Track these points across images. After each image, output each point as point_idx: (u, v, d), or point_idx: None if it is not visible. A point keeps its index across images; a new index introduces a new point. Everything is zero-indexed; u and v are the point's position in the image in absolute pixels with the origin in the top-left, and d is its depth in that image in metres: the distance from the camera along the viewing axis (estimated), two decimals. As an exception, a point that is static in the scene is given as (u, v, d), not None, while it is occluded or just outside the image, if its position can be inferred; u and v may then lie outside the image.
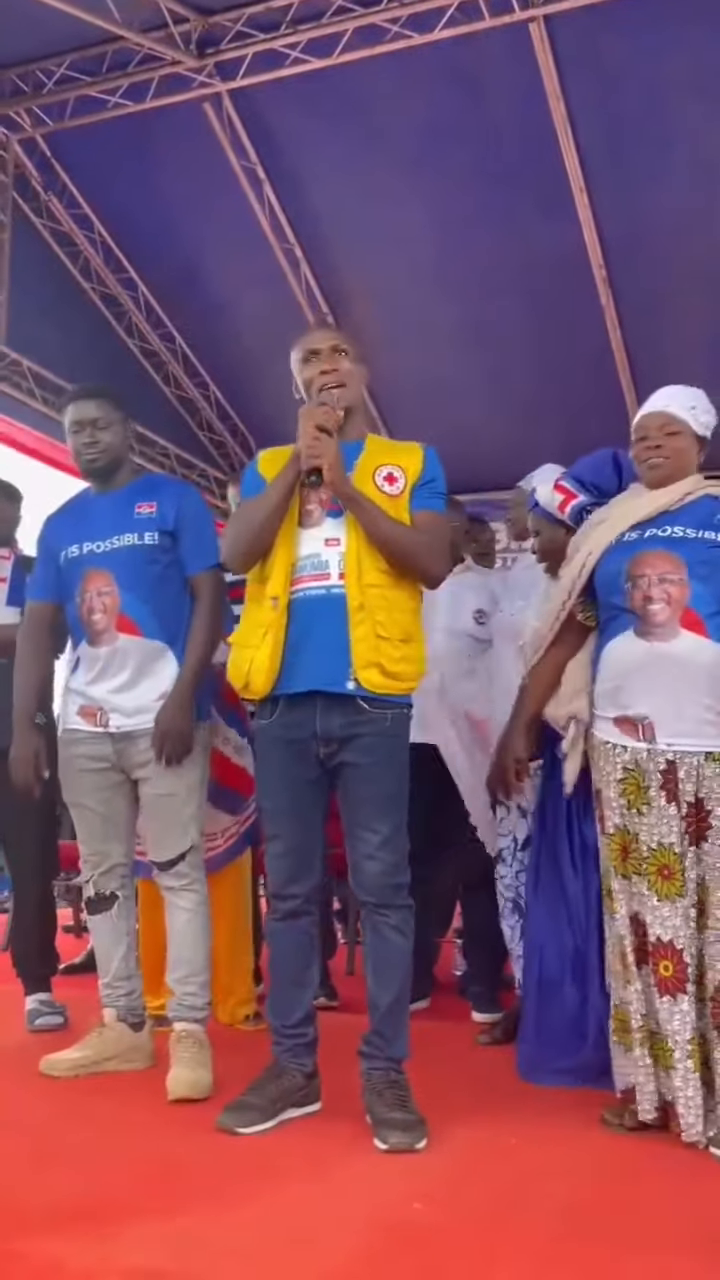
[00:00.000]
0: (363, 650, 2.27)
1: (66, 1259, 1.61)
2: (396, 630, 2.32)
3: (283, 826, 2.38)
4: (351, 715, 2.30)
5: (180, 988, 2.67)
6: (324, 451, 2.28)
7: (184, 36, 5.48)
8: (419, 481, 2.41)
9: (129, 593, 2.69)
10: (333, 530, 2.35)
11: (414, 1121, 2.17)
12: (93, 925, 2.83)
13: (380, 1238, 1.73)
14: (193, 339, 7.41)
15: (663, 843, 2.26)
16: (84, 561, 2.74)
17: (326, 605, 2.30)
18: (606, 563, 2.41)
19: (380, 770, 2.33)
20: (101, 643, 2.71)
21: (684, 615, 2.28)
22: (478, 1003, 3.42)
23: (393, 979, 2.32)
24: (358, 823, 2.33)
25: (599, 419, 6.53)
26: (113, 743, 2.72)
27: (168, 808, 2.70)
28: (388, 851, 2.32)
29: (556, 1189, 1.96)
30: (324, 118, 5.75)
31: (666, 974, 2.23)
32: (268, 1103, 2.25)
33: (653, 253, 5.93)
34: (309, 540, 2.36)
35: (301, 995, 2.38)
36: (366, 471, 2.38)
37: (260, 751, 2.45)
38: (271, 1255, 1.66)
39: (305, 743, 2.33)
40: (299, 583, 2.33)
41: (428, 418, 7.40)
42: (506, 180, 5.79)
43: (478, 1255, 1.68)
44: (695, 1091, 2.17)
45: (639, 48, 5.08)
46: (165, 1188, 1.92)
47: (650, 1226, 1.81)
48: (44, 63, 5.78)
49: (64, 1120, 2.32)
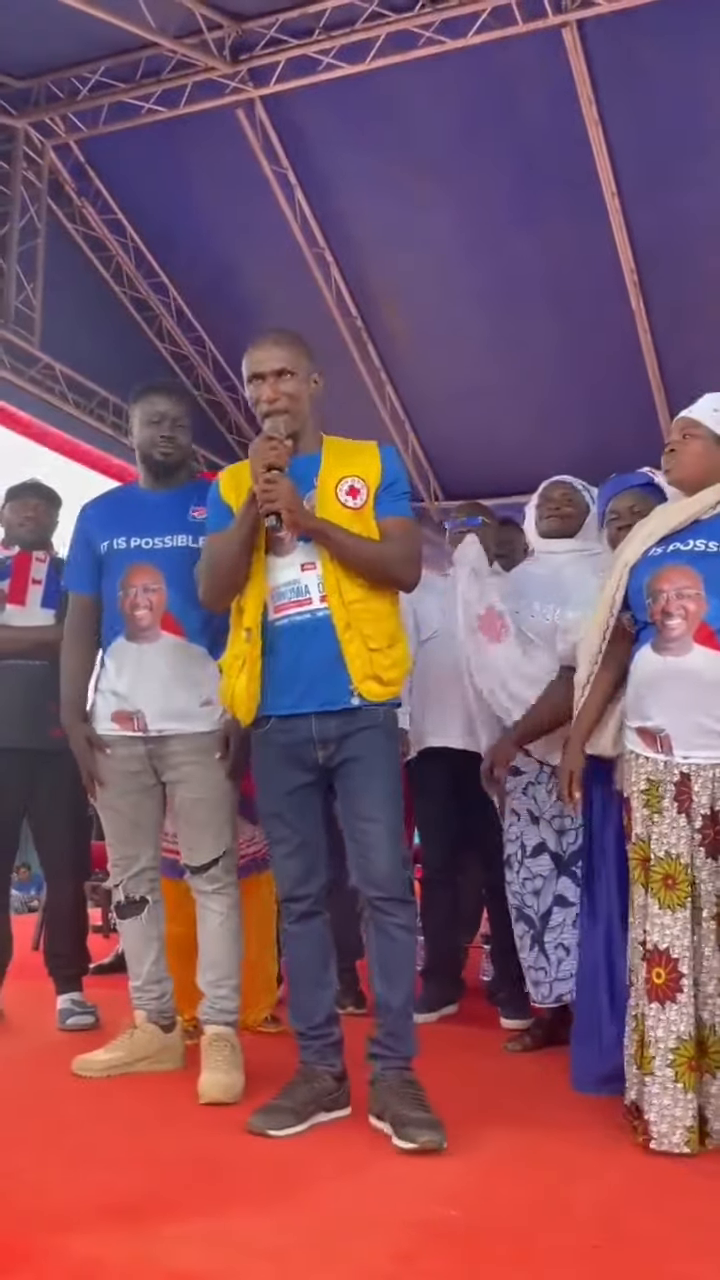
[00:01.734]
0: (359, 665, 2.31)
1: (105, 1258, 1.62)
2: (384, 639, 2.36)
3: (285, 829, 2.39)
4: (346, 717, 2.34)
5: (213, 990, 2.68)
6: (279, 495, 2.26)
7: (218, 43, 5.52)
8: (380, 486, 2.42)
9: (177, 592, 2.68)
10: (306, 555, 2.36)
11: (436, 1121, 2.17)
12: (122, 929, 2.85)
13: (415, 1240, 1.73)
14: (223, 343, 7.44)
15: (670, 852, 2.27)
16: (131, 555, 2.73)
17: (313, 628, 2.33)
18: (634, 577, 2.43)
19: (375, 762, 2.36)
20: (142, 639, 2.70)
21: (699, 630, 2.29)
22: (506, 1008, 3.41)
23: (403, 979, 2.33)
24: (357, 815, 2.34)
25: (629, 424, 6.53)
26: (145, 745, 2.72)
27: (204, 812, 2.71)
28: (389, 843, 2.32)
29: (591, 1196, 1.96)
30: (356, 123, 5.78)
31: (659, 981, 2.23)
32: (299, 1105, 2.25)
33: (685, 257, 5.91)
34: (284, 568, 2.37)
35: (323, 996, 2.38)
36: (328, 487, 2.38)
37: (257, 759, 2.46)
38: (307, 1257, 1.66)
39: (302, 747, 2.35)
40: (281, 609, 2.36)
41: (456, 422, 7.43)
42: (538, 184, 5.79)
43: (513, 1260, 1.68)
44: (673, 1100, 2.15)
45: (672, 52, 5.07)
46: (201, 1188, 1.93)
47: (688, 1235, 1.80)
48: (78, 69, 5.84)
49: (99, 1121, 2.34)
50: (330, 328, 6.72)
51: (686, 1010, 2.19)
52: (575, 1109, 2.47)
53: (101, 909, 5.04)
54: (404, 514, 2.44)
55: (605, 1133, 2.30)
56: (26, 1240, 1.69)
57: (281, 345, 2.44)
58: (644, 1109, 2.20)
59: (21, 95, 6.07)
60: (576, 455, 4.91)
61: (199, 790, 2.70)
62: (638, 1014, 2.33)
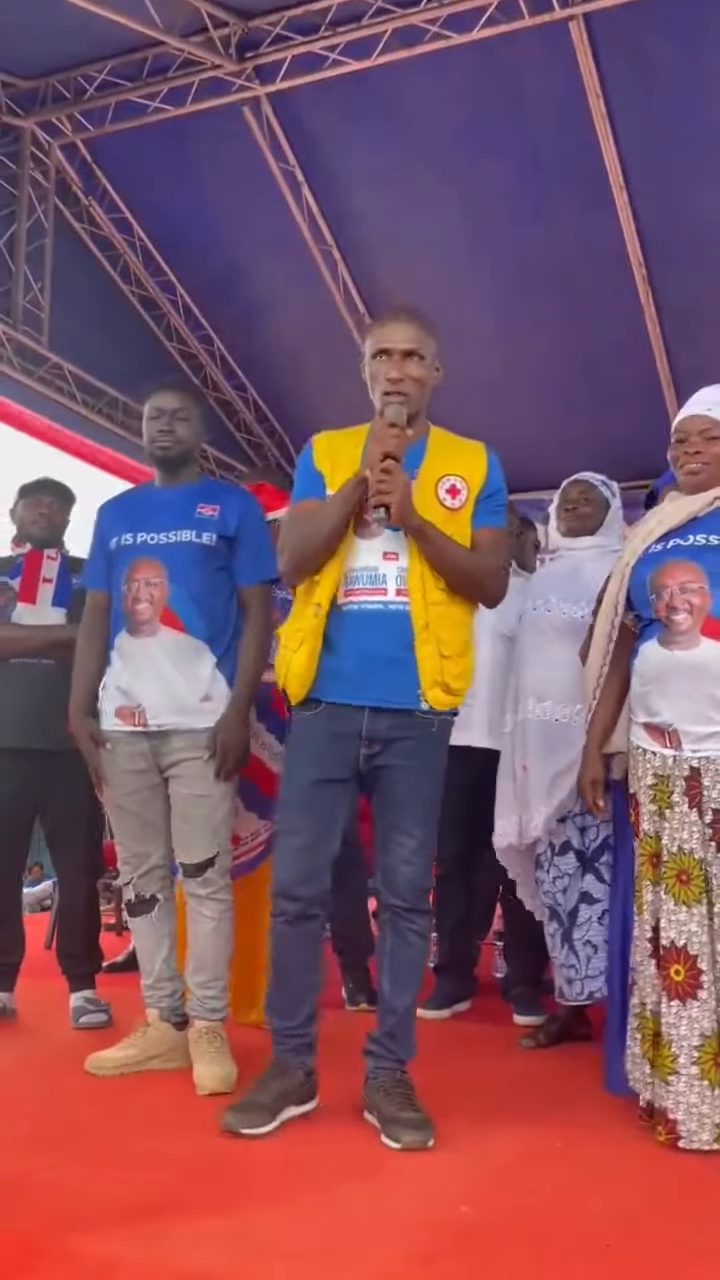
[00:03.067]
0: (429, 669, 2.26)
1: (120, 1258, 1.62)
2: (457, 646, 2.31)
3: (302, 820, 2.32)
4: (400, 718, 2.29)
5: (201, 990, 2.70)
6: (394, 488, 2.20)
7: (223, 40, 5.51)
8: (482, 494, 2.36)
9: (178, 587, 2.69)
10: (391, 544, 2.29)
11: (424, 1120, 2.17)
12: (134, 927, 2.85)
13: (431, 1238, 1.73)
14: (231, 341, 7.45)
15: (682, 848, 2.26)
16: (136, 550, 2.75)
17: (384, 621, 2.28)
18: (635, 575, 2.43)
19: (422, 774, 2.33)
20: (142, 633, 2.70)
21: (706, 623, 2.28)
22: (519, 1005, 3.41)
23: (411, 983, 2.32)
24: (395, 826, 2.31)
25: (638, 419, 6.50)
26: (149, 741, 2.73)
27: (200, 809, 2.71)
28: (421, 857, 2.31)
29: (605, 1193, 1.95)
30: (362, 119, 5.76)
31: (678, 978, 2.22)
32: (272, 1101, 2.23)
33: (693, 251, 5.88)
34: (365, 552, 2.31)
35: (308, 997, 2.35)
36: (429, 482, 2.32)
37: (296, 741, 2.38)
38: (323, 1255, 1.66)
39: (349, 741, 2.29)
40: (352, 594, 2.29)
41: (464, 418, 7.38)
42: (546, 179, 5.77)
43: (529, 1257, 1.68)
44: (700, 1098, 2.15)
45: (679, 45, 5.04)
46: (215, 1188, 1.93)
47: (705, 1235, 1.79)
48: (85, 68, 5.84)
49: (113, 1120, 2.34)
50: (338, 325, 6.71)
51: (709, 1007, 2.19)
52: (591, 1107, 2.46)
53: (115, 907, 5.05)
54: (500, 526, 2.40)
55: (622, 1131, 2.29)
56: (42, 1240, 1.69)
57: (414, 325, 2.36)
58: (668, 1109, 2.18)
59: (28, 95, 6.07)
60: (585, 451, 4.91)
61: (196, 787, 2.70)
62: (642, 1013, 2.32)
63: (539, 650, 3.19)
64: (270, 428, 8.05)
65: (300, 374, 7.34)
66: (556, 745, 3.05)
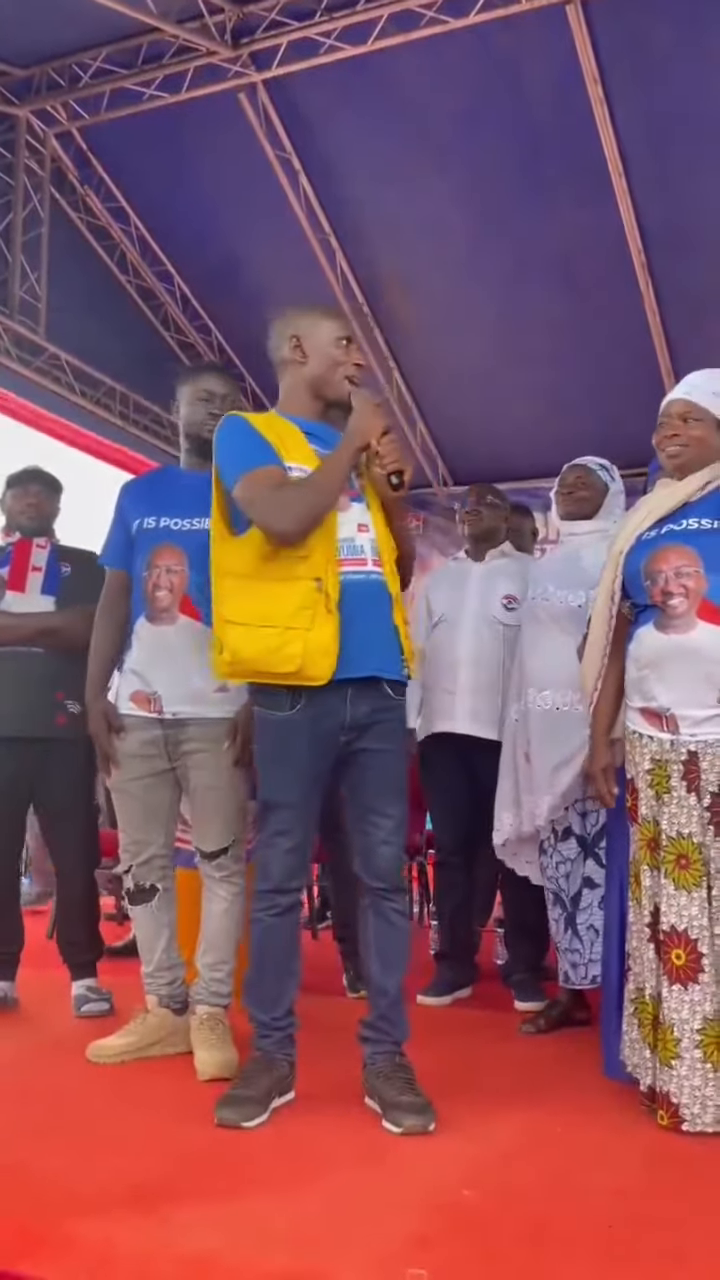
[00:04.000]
0: (403, 638, 2.36)
1: (121, 1242, 1.62)
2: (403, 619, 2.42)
3: (294, 822, 2.31)
4: (377, 702, 2.32)
5: (210, 972, 2.72)
6: (404, 456, 2.35)
7: (219, 27, 5.48)
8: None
9: (198, 575, 2.64)
10: (362, 517, 2.37)
11: (425, 1104, 2.17)
12: (134, 915, 2.85)
13: (431, 1222, 1.73)
14: (228, 331, 7.42)
15: (681, 832, 2.26)
16: (159, 535, 2.73)
17: (368, 590, 2.32)
18: (630, 562, 2.43)
19: (394, 756, 2.36)
20: (161, 620, 2.70)
21: (701, 606, 2.28)
22: (520, 991, 3.41)
23: (398, 964, 2.33)
24: (371, 808, 2.32)
25: (638, 407, 6.44)
26: (163, 729, 2.72)
27: (219, 799, 2.71)
28: (398, 835, 2.34)
29: (607, 1176, 1.95)
30: (359, 105, 5.73)
31: (679, 962, 2.22)
32: (263, 1094, 2.23)
33: (693, 238, 5.86)
34: (344, 524, 2.35)
35: (289, 985, 2.36)
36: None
37: (277, 743, 2.32)
38: (323, 1241, 1.66)
39: (332, 734, 2.29)
40: (344, 564, 2.32)
41: (464, 406, 7.40)
42: (543, 166, 5.74)
43: (533, 1240, 1.68)
44: (703, 1081, 2.15)
45: (677, 30, 5.01)
46: (216, 1173, 1.93)
47: (706, 1217, 1.79)
48: (79, 56, 5.81)
49: (113, 1106, 2.34)
50: (336, 313, 6.69)
51: (710, 990, 2.19)
52: (592, 1091, 2.46)
53: (114, 896, 5.05)
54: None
55: (622, 1115, 2.29)
56: (42, 1225, 1.69)
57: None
58: (670, 1092, 2.19)
59: (23, 84, 6.04)
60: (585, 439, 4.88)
61: (212, 777, 2.70)
62: (640, 999, 2.32)
63: (538, 640, 3.19)
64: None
65: (298, 363, 7.31)
66: (559, 734, 3.04)
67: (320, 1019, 2.56)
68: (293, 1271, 1.57)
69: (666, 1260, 1.63)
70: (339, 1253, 1.63)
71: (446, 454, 7.92)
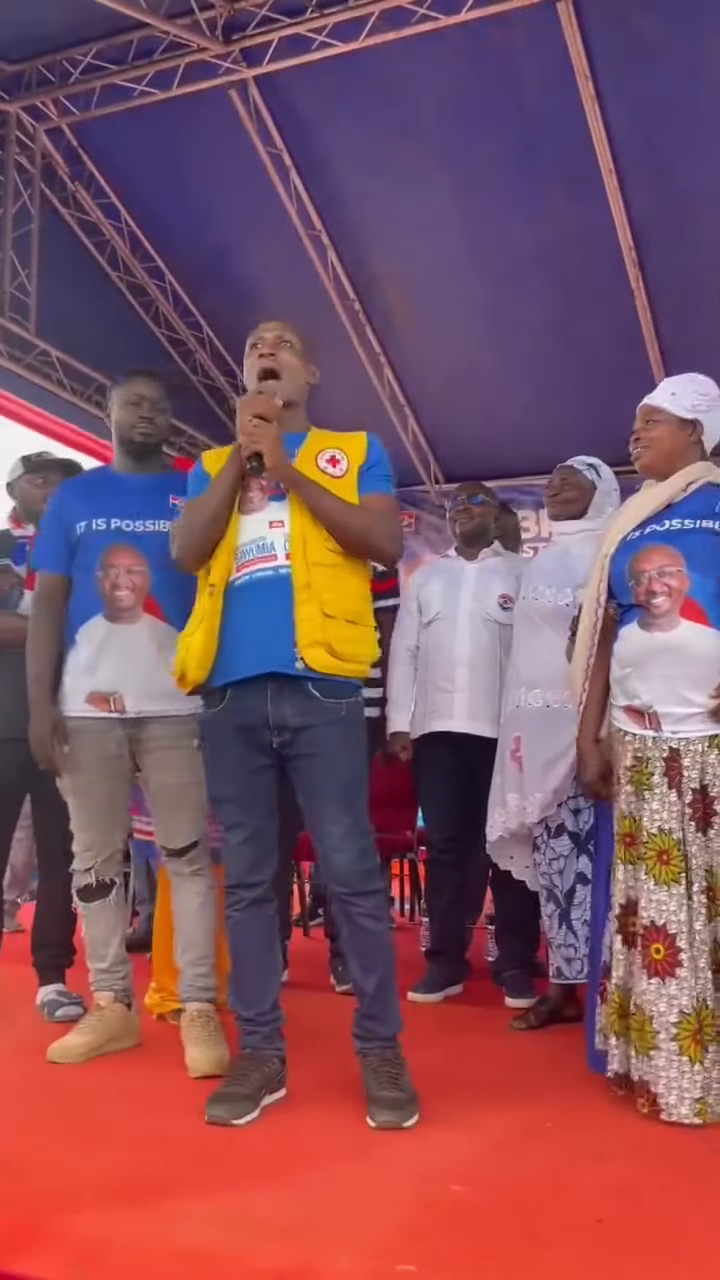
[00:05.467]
0: (308, 629, 2.25)
1: (113, 1237, 1.63)
2: (343, 611, 2.31)
3: (241, 815, 2.35)
4: (302, 703, 2.28)
5: (193, 969, 2.74)
6: (263, 436, 2.28)
7: (210, 23, 5.46)
8: (364, 465, 2.41)
9: (160, 576, 2.70)
10: (276, 513, 2.35)
11: (404, 1099, 2.18)
12: (89, 912, 2.81)
13: (423, 1216, 1.74)
14: (220, 327, 7.40)
15: (662, 828, 2.29)
16: (111, 536, 2.73)
17: (273, 586, 2.29)
18: (615, 563, 2.47)
19: (336, 759, 2.31)
20: (123, 620, 2.70)
21: (684, 605, 2.33)
22: (511, 988, 3.43)
23: (374, 963, 2.32)
24: (321, 816, 2.31)
25: (629, 403, 6.45)
26: (124, 728, 2.73)
27: (184, 795, 2.73)
28: (352, 841, 2.29)
29: (597, 1170, 1.96)
30: (350, 102, 5.72)
31: (658, 957, 2.25)
32: (254, 1090, 2.24)
33: (683, 234, 5.86)
34: (252, 525, 2.35)
35: (271, 981, 2.37)
36: (309, 457, 2.39)
37: (210, 741, 2.41)
38: (316, 1235, 1.67)
39: (256, 730, 2.31)
40: (244, 567, 2.33)
41: (456, 404, 7.40)
42: (534, 162, 5.73)
43: (523, 1233, 1.69)
44: (679, 1073, 2.19)
45: (668, 27, 5.00)
46: (208, 1167, 1.94)
47: (695, 1208, 1.80)
48: (70, 52, 5.78)
49: (103, 1101, 2.35)
50: (328, 311, 6.69)
51: (686, 984, 2.22)
52: (581, 1087, 2.47)
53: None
54: (385, 491, 2.44)
55: (612, 1109, 2.31)
56: (34, 1221, 1.70)
57: (284, 323, 2.50)
58: (649, 1082, 2.23)
59: (12, 79, 6.02)
60: (577, 436, 4.89)
61: (179, 774, 2.72)
62: (616, 992, 2.35)
63: (528, 639, 3.23)
64: (260, 414, 8.01)
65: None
66: (549, 731, 3.06)
67: (310, 1015, 2.58)
68: (285, 1265, 1.57)
69: (656, 1253, 1.65)
70: (331, 1246, 1.63)
71: (438, 451, 7.92)
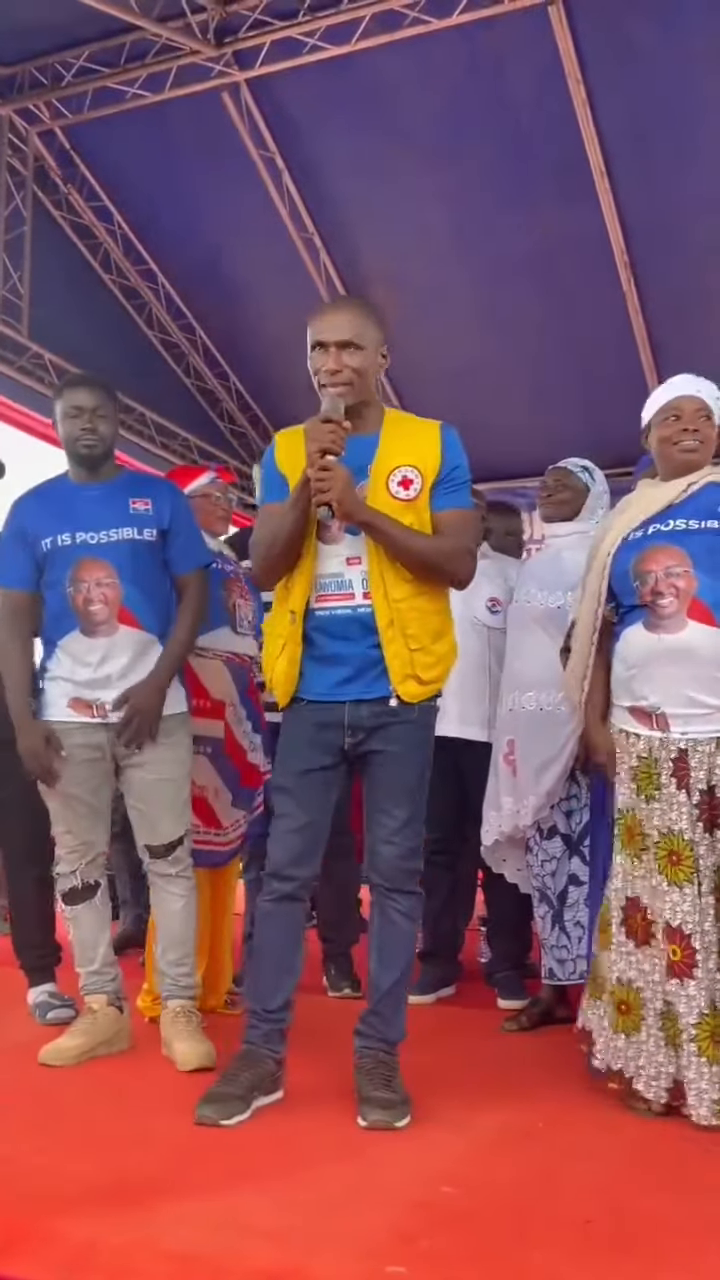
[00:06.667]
0: (398, 666, 2.28)
1: (103, 1240, 1.63)
2: (428, 636, 2.32)
3: (294, 806, 2.36)
4: (380, 707, 2.33)
5: (175, 969, 2.77)
6: (332, 485, 2.18)
7: (201, 26, 5.46)
8: (439, 477, 2.33)
9: (131, 586, 2.72)
10: (352, 548, 2.32)
11: (396, 1100, 2.18)
12: (74, 915, 2.81)
13: (414, 1217, 1.74)
14: (213, 330, 7.41)
15: (672, 829, 2.29)
16: (77, 551, 2.72)
17: (355, 625, 2.31)
18: (617, 563, 2.46)
19: (404, 758, 2.34)
20: (99, 633, 2.71)
21: (691, 606, 2.32)
22: (503, 989, 3.43)
23: (395, 962, 2.33)
24: (377, 807, 2.35)
25: (621, 405, 6.46)
26: (107, 732, 2.74)
27: (166, 793, 2.76)
28: (403, 836, 2.33)
29: (587, 1170, 1.97)
30: (342, 105, 5.73)
31: (676, 958, 2.26)
32: (245, 1091, 2.23)
33: (675, 236, 5.87)
34: (330, 558, 2.33)
35: (286, 981, 2.36)
36: (380, 478, 2.31)
37: (285, 729, 2.43)
38: (307, 1236, 1.67)
39: (332, 730, 2.34)
40: (324, 600, 2.32)
41: (448, 405, 7.35)
42: (526, 165, 5.74)
43: (512, 1234, 1.69)
44: (697, 1075, 2.19)
45: (659, 29, 5.02)
46: (197, 1169, 1.94)
47: (685, 1209, 1.81)
48: (62, 55, 5.78)
49: (91, 1103, 2.34)
50: (320, 312, 6.68)
51: (704, 984, 2.22)
52: (573, 1088, 2.47)
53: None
54: (461, 505, 2.37)
55: (603, 1110, 2.31)
56: (23, 1223, 1.69)
57: (350, 314, 2.32)
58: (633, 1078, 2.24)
59: (5, 82, 6.01)
60: (570, 437, 4.90)
61: (162, 771, 2.75)
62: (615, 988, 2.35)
63: (521, 642, 3.24)
64: (254, 416, 8.02)
65: (283, 362, 7.28)
66: (543, 734, 3.07)
67: (302, 1017, 2.56)
68: (275, 1267, 1.57)
69: (647, 1254, 1.65)
70: (321, 1248, 1.63)
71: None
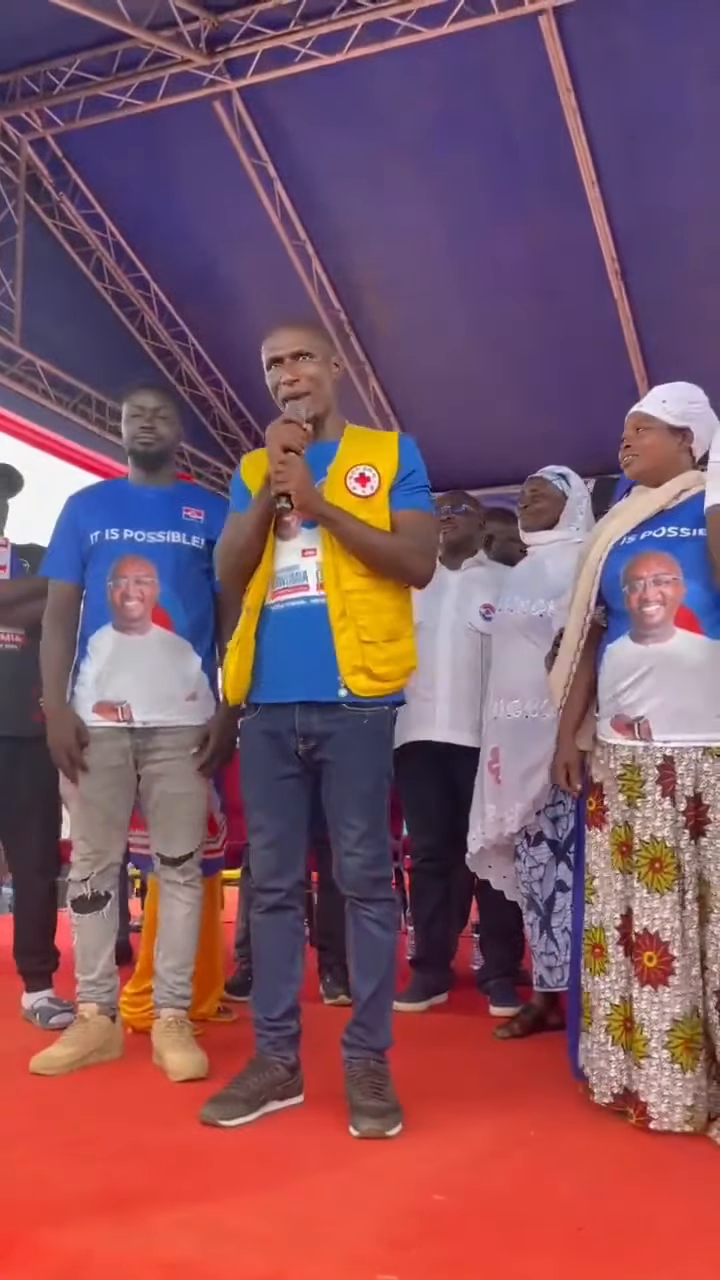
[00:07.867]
0: (348, 657, 2.28)
1: (94, 1249, 1.62)
2: (381, 632, 2.32)
3: (264, 819, 2.39)
4: (328, 713, 2.31)
5: (173, 976, 2.76)
6: (290, 476, 2.25)
7: (193, 35, 5.48)
8: (396, 479, 2.40)
9: (169, 586, 2.74)
10: (308, 541, 2.35)
11: (388, 1109, 2.19)
12: (81, 924, 2.81)
13: (404, 1225, 1.74)
14: (205, 337, 7.41)
15: (655, 836, 2.29)
16: (123, 547, 2.76)
17: (308, 615, 2.32)
18: (608, 568, 2.46)
19: (358, 767, 2.33)
20: (132, 630, 2.73)
21: (679, 614, 2.32)
22: (495, 997, 3.43)
23: (374, 971, 2.33)
24: (338, 819, 2.34)
25: (613, 411, 6.47)
26: (132, 737, 2.73)
27: (187, 806, 2.76)
28: (365, 846, 2.31)
29: (577, 1178, 1.97)
30: (334, 114, 5.74)
31: (650, 964, 2.25)
32: (251, 1095, 2.25)
33: (666, 244, 5.90)
34: (286, 552, 2.37)
35: (286, 989, 2.38)
36: (338, 476, 2.37)
37: (243, 746, 2.46)
38: (297, 1245, 1.66)
39: (284, 738, 2.35)
40: (279, 594, 2.35)
41: (441, 413, 7.41)
42: (518, 173, 5.77)
43: (502, 1242, 1.69)
44: (670, 1080, 2.19)
45: (649, 38, 5.05)
46: (189, 1177, 1.93)
47: (675, 1215, 1.81)
48: (54, 63, 5.79)
49: (84, 1111, 2.34)
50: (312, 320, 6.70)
51: (680, 992, 2.22)
52: (564, 1095, 2.47)
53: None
54: (419, 506, 2.41)
55: (594, 1118, 2.31)
56: (14, 1233, 1.69)
57: (298, 328, 2.44)
58: (639, 1092, 2.22)
59: (-3, 90, 6.03)
60: (562, 444, 4.92)
61: (182, 784, 2.74)
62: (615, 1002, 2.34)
63: (504, 650, 3.26)
64: (246, 423, 8.03)
65: (275, 369, 7.32)
66: (528, 741, 3.07)
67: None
68: (266, 1275, 1.57)
69: (637, 1262, 1.65)
70: (312, 1256, 1.63)
71: (424, 460, 7.92)
